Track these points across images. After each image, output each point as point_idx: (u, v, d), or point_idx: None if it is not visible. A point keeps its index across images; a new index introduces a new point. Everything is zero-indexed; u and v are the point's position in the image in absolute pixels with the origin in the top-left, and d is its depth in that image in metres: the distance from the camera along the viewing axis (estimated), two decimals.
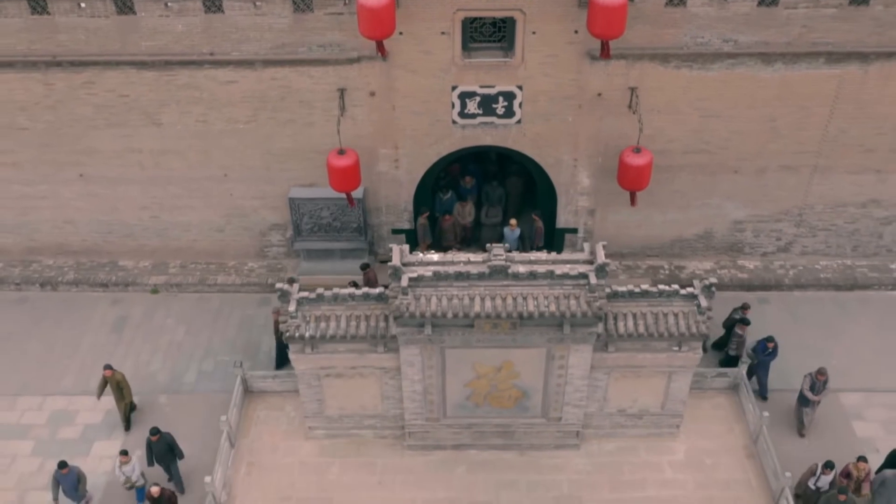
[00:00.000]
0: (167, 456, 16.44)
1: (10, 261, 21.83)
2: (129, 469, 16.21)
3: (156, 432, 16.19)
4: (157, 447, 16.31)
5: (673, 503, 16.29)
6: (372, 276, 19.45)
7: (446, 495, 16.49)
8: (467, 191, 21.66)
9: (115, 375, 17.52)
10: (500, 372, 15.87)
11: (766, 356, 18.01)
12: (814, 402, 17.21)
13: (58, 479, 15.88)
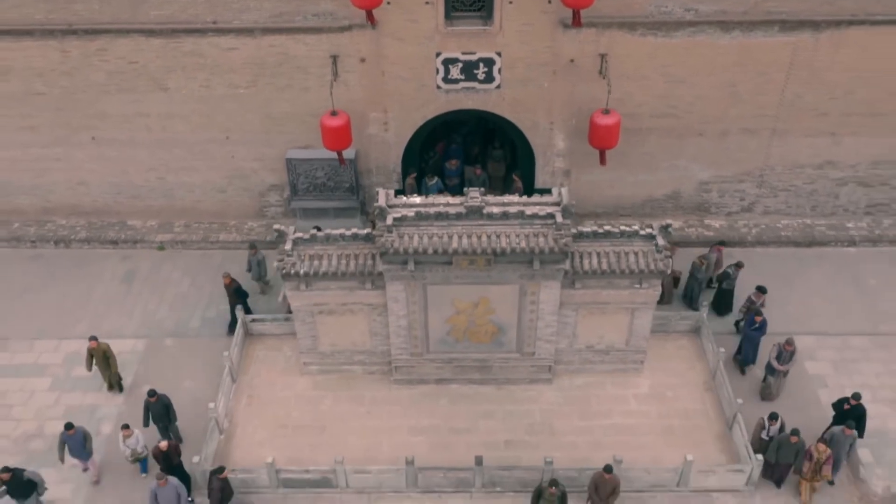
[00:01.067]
0: (164, 417, 17.20)
1: (26, 220, 23.37)
2: (132, 441, 16.72)
3: (153, 394, 16.97)
4: (154, 408, 17.04)
5: (636, 430, 17.80)
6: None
7: (429, 423, 18.03)
8: (452, 172, 23.01)
9: (101, 346, 18.26)
10: (477, 308, 17.41)
11: (754, 330, 18.72)
12: (780, 371, 18.02)
13: (64, 440, 16.57)
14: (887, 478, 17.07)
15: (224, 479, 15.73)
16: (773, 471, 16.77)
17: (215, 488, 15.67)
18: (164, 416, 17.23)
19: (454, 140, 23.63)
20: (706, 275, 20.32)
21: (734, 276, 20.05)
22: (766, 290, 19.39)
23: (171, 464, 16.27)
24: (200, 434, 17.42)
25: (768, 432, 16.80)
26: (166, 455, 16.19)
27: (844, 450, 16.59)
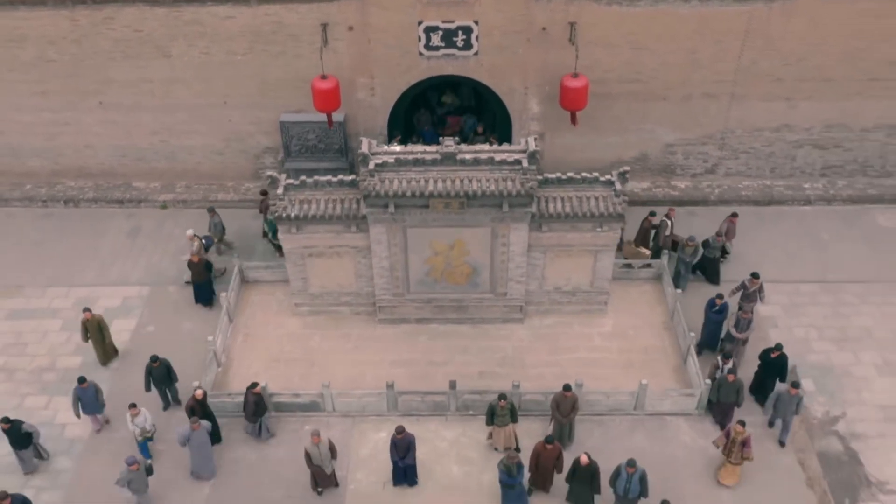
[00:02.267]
0: (166, 379, 18.22)
1: (38, 182, 25.02)
2: (140, 420, 17.12)
3: (155, 359, 17.80)
4: (157, 372, 17.96)
5: (599, 363, 19.41)
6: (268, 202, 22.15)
7: (410, 357, 19.65)
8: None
9: (94, 318, 19.01)
10: (453, 249, 19.05)
11: (716, 313, 19.16)
12: (739, 339, 18.76)
13: (78, 394, 17.42)
14: (826, 404, 18.71)
15: (257, 393, 17.24)
16: (717, 411, 18.03)
17: (250, 402, 17.23)
18: (165, 378, 18.22)
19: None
20: (693, 258, 21.13)
21: (714, 244, 21.20)
22: (759, 275, 19.48)
23: (206, 412, 17.30)
24: (200, 368, 19.01)
25: (722, 370, 18.24)
26: (202, 403, 17.19)
27: (791, 410, 17.22)
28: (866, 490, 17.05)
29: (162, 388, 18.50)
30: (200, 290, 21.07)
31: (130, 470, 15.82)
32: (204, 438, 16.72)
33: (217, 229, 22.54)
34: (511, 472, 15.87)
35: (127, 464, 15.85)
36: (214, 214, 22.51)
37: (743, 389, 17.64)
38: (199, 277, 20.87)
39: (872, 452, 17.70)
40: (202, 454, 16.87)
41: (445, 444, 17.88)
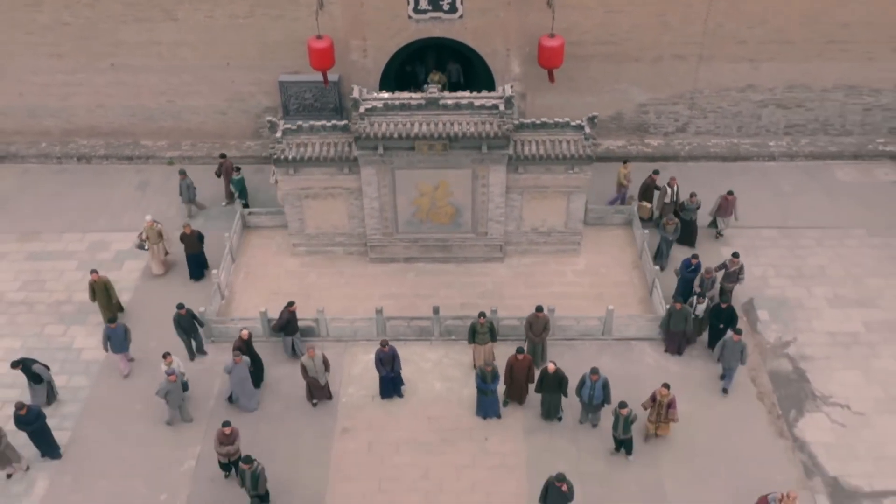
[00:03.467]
0: (192, 327, 19.27)
1: (52, 141, 26.74)
2: (175, 366, 18.04)
3: (182, 306, 18.82)
4: (183, 320, 18.98)
5: (572, 295, 21.09)
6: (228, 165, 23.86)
7: (398, 291, 21.35)
8: None
9: (101, 279, 19.94)
10: (437, 190, 20.74)
11: (690, 272, 20.27)
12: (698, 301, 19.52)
13: (108, 334, 18.64)
14: (779, 331, 20.41)
15: (293, 312, 18.80)
16: (670, 339, 19.58)
17: (283, 318, 18.83)
18: (192, 326, 19.33)
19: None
20: (675, 235, 22.16)
21: (689, 206, 22.40)
22: (738, 254, 20.24)
23: (251, 352, 18.50)
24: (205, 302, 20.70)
25: (694, 310, 19.77)
26: (248, 343, 18.44)
27: (735, 356, 18.19)
28: (811, 402, 18.75)
29: (188, 338, 19.47)
30: (193, 262, 21.73)
31: (169, 381, 17.40)
32: (244, 373, 17.89)
33: (189, 191, 23.64)
34: (486, 379, 17.60)
35: (166, 374, 17.51)
36: (185, 177, 23.49)
37: (690, 318, 19.14)
38: (192, 249, 21.57)
39: (818, 372, 19.40)
40: (243, 388, 18.12)
41: (429, 365, 19.59)
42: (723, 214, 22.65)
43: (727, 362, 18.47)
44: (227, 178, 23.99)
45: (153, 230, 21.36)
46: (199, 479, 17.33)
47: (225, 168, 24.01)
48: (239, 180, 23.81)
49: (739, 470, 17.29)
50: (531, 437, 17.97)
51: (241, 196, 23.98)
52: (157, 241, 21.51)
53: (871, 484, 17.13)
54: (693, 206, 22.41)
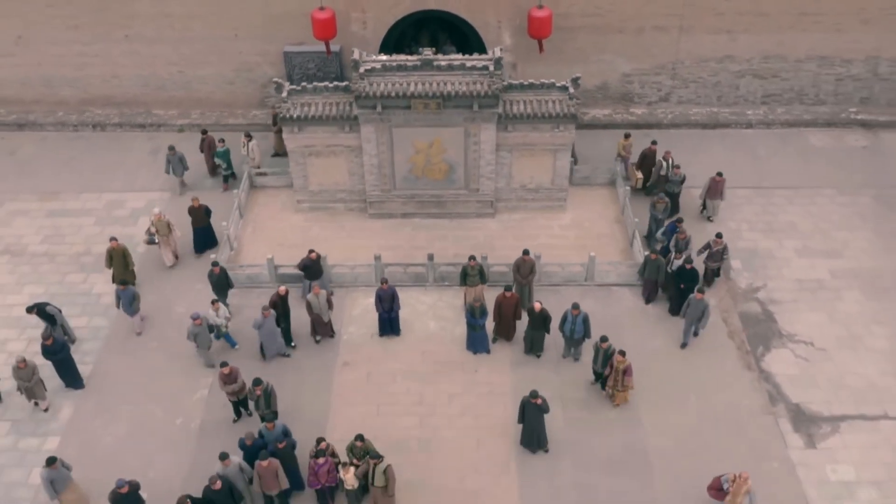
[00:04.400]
0: (224, 286, 20.25)
1: (69, 110, 28.25)
2: (223, 312, 19.46)
3: (216, 264, 20.02)
4: (215, 278, 20.03)
5: (558, 246, 22.55)
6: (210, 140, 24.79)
7: (395, 243, 22.84)
8: None
9: (119, 247, 20.74)
10: (432, 147, 22.24)
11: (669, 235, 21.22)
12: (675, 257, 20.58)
13: (119, 295, 19.81)
14: (750, 278, 21.90)
15: (313, 258, 20.15)
16: (645, 287, 21.02)
17: (303, 262, 20.23)
18: (224, 284, 20.41)
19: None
20: (664, 215, 22.83)
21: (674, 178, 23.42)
22: (722, 235, 20.99)
23: (285, 309, 19.55)
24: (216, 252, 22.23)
25: (671, 266, 21.21)
26: (283, 299, 19.48)
27: (697, 314, 19.26)
28: (778, 340, 20.25)
29: (222, 296, 20.43)
30: (199, 236, 22.46)
31: (195, 325, 18.82)
32: (272, 326, 19.04)
33: (180, 165, 24.36)
34: (475, 314, 19.11)
35: (192, 319, 18.93)
36: (174, 152, 24.18)
37: (663, 269, 20.53)
38: (199, 223, 22.31)
39: (786, 313, 20.90)
40: (271, 338, 19.26)
41: (424, 307, 21.10)
42: (712, 196, 23.32)
43: (690, 319, 19.54)
44: (210, 153, 24.89)
45: (162, 223, 21.55)
46: (211, 406, 18.84)
47: (207, 143, 24.86)
48: (224, 152, 24.51)
49: (708, 397, 18.81)
50: (517, 369, 19.47)
51: (227, 167, 24.71)
52: (166, 234, 21.72)
53: (829, 409, 18.63)
54: (677, 178, 23.51)
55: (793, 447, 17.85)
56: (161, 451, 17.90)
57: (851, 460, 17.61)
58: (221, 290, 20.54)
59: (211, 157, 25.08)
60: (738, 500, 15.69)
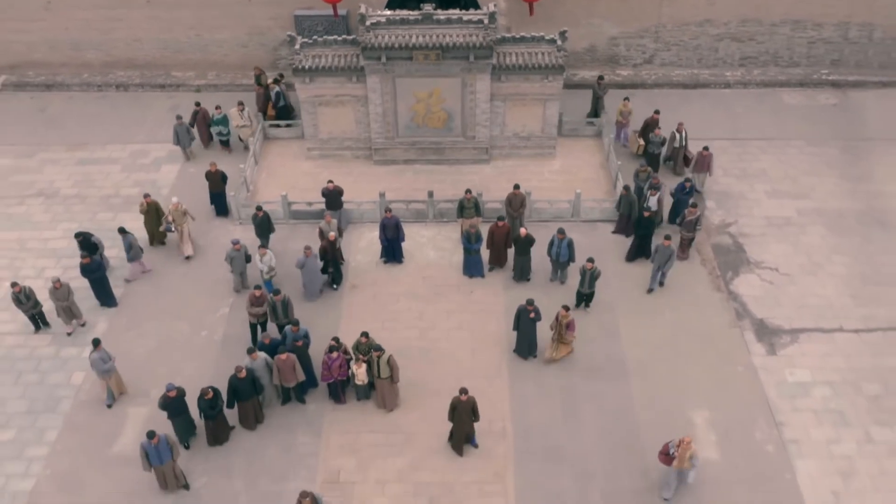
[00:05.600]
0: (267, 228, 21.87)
1: (94, 72, 30.27)
2: (267, 259, 20.71)
3: (260, 208, 21.59)
4: (259, 221, 21.70)
5: (548, 190, 24.50)
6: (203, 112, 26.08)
7: (398, 186, 24.82)
8: None
9: (153, 202, 22.19)
10: (431, 97, 24.25)
11: (685, 195, 22.63)
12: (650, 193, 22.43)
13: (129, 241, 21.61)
14: (723, 216, 23.94)
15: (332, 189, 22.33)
16: (620, 223, 22.99)
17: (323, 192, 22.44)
18: (266, 227, 22.03)
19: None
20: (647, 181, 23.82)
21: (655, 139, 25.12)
22: (696, 204, 22.10)
23: (335, 254, 21.21)
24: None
25: (647, 202, 23.26)
26: (333, 244, 21.12)
27: (664, 260, 20.83)
28: (746, 267, 22.28)
29: (264, 237, 22.00)
30: (216, 201, 23.80)
31: (234, 249, 20.72)
32: (314, 266, 20.63)
33: (187, 136, 25.60)
34: (471, 240, 21.13)
35: (232, 243, 20.91)
36: (182, 122, 25.38)
37: (636, 205, 22.39)
38: (216, 188, 23.58)
39: (754, 245, 22.93)
40: (312, 279, 20.86)
41: (424, 239, 23.14)
42: (699, 170, 24.38)
43: (659, 265, 21.09)
44: (203, 125, 26.12)
45: (178, 212, 22.10)
46: (232, 322, 20.86)
47: (201, 115, 25.98)
48: (222, 118, 26.00)
49: (681, 313, 20.86)
50: (509, 290, 21.49)
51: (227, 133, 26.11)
52: (182, 222, 22.28)
53: (790, 323, 20.67)
54: (658, 139, 25.21)
55: (756, 354, 19.88)
56: (187, 360, 19.89)
57: (808, 365, 19.63)
58: (264, 233, 22.11)
59: (206, 127, 26.22)
60: (684, 464, 16.25)
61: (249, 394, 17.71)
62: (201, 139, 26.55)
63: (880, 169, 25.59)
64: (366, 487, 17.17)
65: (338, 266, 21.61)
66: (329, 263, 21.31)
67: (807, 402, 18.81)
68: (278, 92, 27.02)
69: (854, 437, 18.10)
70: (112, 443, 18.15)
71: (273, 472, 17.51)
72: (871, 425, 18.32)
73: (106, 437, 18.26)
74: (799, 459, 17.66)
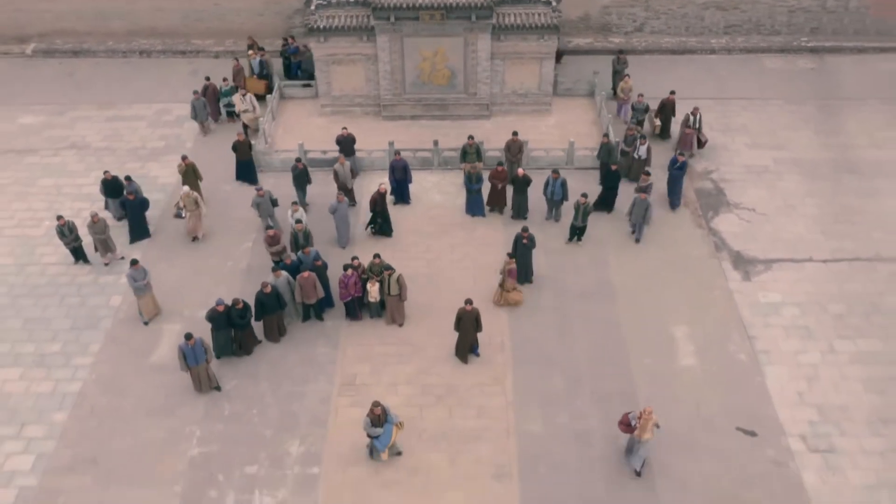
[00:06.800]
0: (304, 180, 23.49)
1: (118, 40, 32.26)
2: (298, 215, 21.62)
3: (299, 159, 23.28)
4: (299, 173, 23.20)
5: (544, 141, 26.49)
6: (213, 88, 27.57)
7: (405, 139, 26.73)
8: None
9: (190, 164, 23.57)
10: (436, 55, 26.23)
11: (676, 170, 23.55)
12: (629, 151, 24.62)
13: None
14: (705, 164, 25.90)
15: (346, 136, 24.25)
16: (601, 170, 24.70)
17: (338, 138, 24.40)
18: (304, 179, 23.68)
19: None
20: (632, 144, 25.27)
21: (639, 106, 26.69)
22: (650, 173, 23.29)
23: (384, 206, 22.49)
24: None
25: (637, 151, 25.21)
26: (382, 197, 22.40)
27: (641, 213, 22.15)
28: (725, 207, 24.26)
29: (301, 189, 23.68)
30: (242, 168, 24.97)
31: (258, 195, 22.61)
32: (345, 212, 22.17)
33: (204, 110, 26.84)
34: (472, 180, 23.12)
35: (256, 189, 22.81)
36: (199, 96, 26.60)
37: (615, 151, 24.33)
38: (243, 156, 24.77)
39: (734, 189, 24.90)
40: (343, 225, 22.35)
41: (430, 184, 25.12)
42: (685, 147, 25.53)
43: (635, 218, 22.50)
44: (213, 100, 27.30)
45: (189, 198, 22.69)
46: (255, 254, 22.81)
47: (211, 90, 27.25)
48: (231, 89, 27.65)
49: (666, 247, 22.83)
50: (508, 227, 23.44)
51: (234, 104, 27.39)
52: (193, 209, 22.81)
53: (764, 254, 22.64)
54: (641, 105, 26.86)
55: (732, 280, 21.86)
56: (215, 286, 21.81)
57: (779, 290, 21.61)
58: (301, 185, 23.74)
59: (216, 102, 27.51)
60: (645, 434, 16.64)
61: (274, 308, 19.68)
62: (211, 115, 27.86)
63: (852, 124, 27.57)
64: (379, 389, 19.12)
65: (387, 217, 22.99)
66: (378, 215, 22.71)
67: (777, 320, 20.77)
68: (261, 61, 28.70)
69: (819, 348, 20.07)
70: (150, 354, 20.11)
71: (295, 377, 19.48)
72: (835, 339, 20.29)
73: (144, 349, 20.23)
74: (769, 366, 19.62)
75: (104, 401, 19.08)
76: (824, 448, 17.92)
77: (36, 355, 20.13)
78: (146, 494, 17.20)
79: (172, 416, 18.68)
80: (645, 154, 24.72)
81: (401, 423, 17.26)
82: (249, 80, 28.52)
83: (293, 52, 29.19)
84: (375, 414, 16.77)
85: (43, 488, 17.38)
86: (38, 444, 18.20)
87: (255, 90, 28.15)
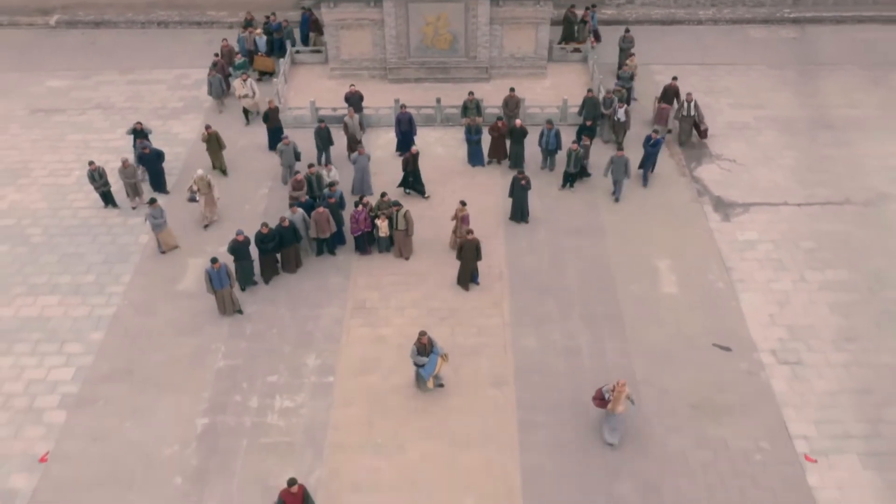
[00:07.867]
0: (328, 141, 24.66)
1: (137, 12, 34.08)
2: (333, 174, 22.98)
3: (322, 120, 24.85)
4: (323, 133, 24.47)
5: (540, 101, 28.33)
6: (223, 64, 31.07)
7: (409, 99, 28.50)
8: None
9: (213, 133, 24.39)
10: (439, 21, 28.04)
11: (651, 146, 24.42)
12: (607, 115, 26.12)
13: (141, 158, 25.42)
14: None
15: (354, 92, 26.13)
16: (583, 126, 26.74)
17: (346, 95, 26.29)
18: (327, 139, 24.79)
19: None
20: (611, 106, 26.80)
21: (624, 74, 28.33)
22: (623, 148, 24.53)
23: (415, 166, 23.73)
24: None
25: (615, 114, 26.80)
26: (415, 158, 23.70)
27: (621, 170, 23.41)
28: (707, 158, 26.08)
29: (325, 149, 24.87)
30: (273, 135, 25.82)
31: (283, 143, 24.34)
32: (365, 164, 23.66)
33: (220, 87, 27.87)
34: (471, 132, 24.93)
35: (281, 138, 24.56)
36: (215, 73, 27.70)
37: (599, 107, 26.09)
38: (274, 123, 25.73)
39: (716, 143, 26.71)
40: (363, 176, 23.87)
41: (433, 139, 26.94)
42: (659, 122, 26.77)
43: (616, 175, 23.64)
44: (224, 73, 28.33)
45: (203, 182, 22.95)
46: (271, 200, 24.61)
47: (220, 67, 28.16)
48: (242, 63, 29.24)
49: (652, 192, 24.65)
50: (506, 175, 25.22)
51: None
52: (207, 192, 23.20)
53: (743, 199, 24.45)
54: (626, 73, 28.54)
55: (712, 220, 23.67)
56: (235, 226, 23.27)
57: (756, 228, 23.42)
58: (325, 145, 24.98)
59: (225, 77, 28.37)
60: (619, 407, 17.10)
61: (291, 241, 21.48)
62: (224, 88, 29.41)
63: (830, 86, 29.39)
64: (388, 311, 20.93)
65: (418, 176, 24.09)
66: (410, 175, 24.07)
67: (753, 254, 22.58)
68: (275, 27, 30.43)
69: (790, 277, 21.87)
70: (177, 283, 21.92)
71: (311, 302, 21.29)
72: (805, 270, 22.10)
73: (171, 279, 22.04)
74: (744, 293, 21.43)
75: (137, 322, 20.88)
76: (793, 361, 19.71)
77: (72, 285, 21.93)
78: (178, 399, 19.00)
79: (199, 335, 20.48)
80: (623, 117, 26.04)
81: (445, 354, 18.39)
82: (258, 58, 30.08)
83: (276, 29, 30.84)
84: (422, 343, 18.13)
85: (83, 394, 19.17)
86: (78, 359, 20.00)
87: (263, 67, 29.91)
